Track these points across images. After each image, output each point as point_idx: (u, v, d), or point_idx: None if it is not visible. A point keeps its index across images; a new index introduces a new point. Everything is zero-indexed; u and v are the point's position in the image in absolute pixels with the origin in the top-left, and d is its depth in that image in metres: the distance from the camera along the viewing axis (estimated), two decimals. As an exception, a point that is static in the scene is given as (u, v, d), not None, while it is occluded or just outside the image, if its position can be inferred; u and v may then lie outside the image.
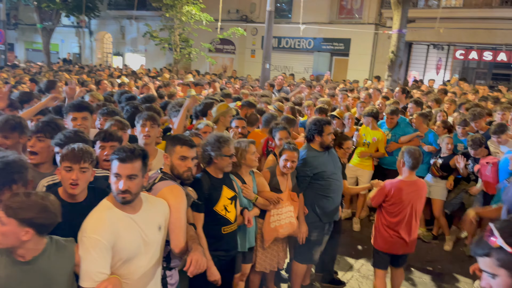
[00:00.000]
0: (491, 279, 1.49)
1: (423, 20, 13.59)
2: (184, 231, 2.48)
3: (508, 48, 13.51)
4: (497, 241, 1.45)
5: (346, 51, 16.61)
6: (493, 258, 1.47)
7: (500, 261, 1.45)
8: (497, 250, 1.46)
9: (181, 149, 2.62)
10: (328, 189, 3.93)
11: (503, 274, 1.45)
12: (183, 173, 2.61)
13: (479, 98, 9.14)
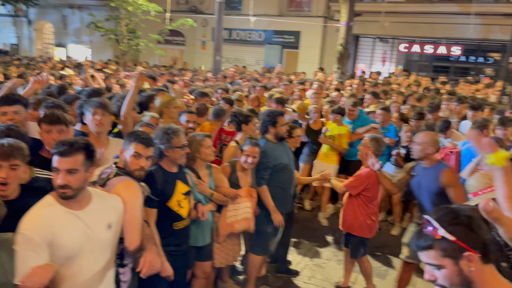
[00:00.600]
0: (435, 271, 1.50)
1: (369, 14, 14.02)
2: (140, 230, 2.39)
3: (448, 41, 14.26)
4: (439, 232, 1.45)
5: (296, 44, 16.80)
6: (436, 249, 1.47)
7: (444, 251, 1.46)
8: (439, 241, 1.46)
9: (136, 146, 2.52)
10: (284, 180, 3.96)
11: (448, 263, 1.46)
12: (135, 171, 2.52)
13: (422, 89, 9.63)
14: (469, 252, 1.44)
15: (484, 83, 11.26)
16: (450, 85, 11.54)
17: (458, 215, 1.49)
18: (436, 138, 3.75)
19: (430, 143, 3.63)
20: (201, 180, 3.39)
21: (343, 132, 5.91)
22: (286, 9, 17.04)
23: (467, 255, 1.44)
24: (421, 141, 3.65)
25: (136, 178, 2.52)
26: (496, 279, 1.51)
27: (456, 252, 1.45)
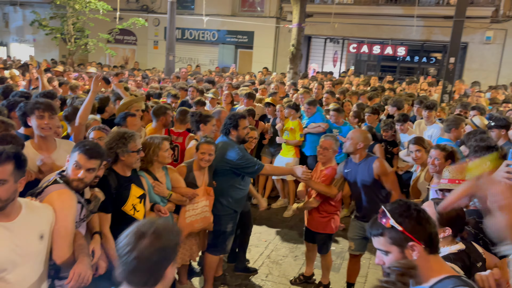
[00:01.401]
0: (384, 256, 1.65)
1: (320, 15, 14.38)
2: (70, 241, 2.29)
3: (393, 42, 14.92)
4: (389, 222, 1.61)
5: (250, 44, 16.92)
6: (386, 237, 1.63)
7: (392, 239, 1.61)
8: (389, 229, 1.62)
9: (79, 156, 2.43)
10: (241, 180, 4.00)
11: (394, 250, 1.62)
12: (73, 181, 2.42)
13: (371, 89, 10.04)
14: (413, 242, 1.59)
15: (427, 82, 11.90)
16: (397, 83, 12.14)
17: (409, 209, 1.64)
18: (366, 135, 3.94)
19: (361, 138, 3.82)
20: (158, 182, 3.38)
21: (295, 126, 6.22)
22: (239, 9, 17.10)
23: (411, 244, 1.59)
24: (352, 137, 3.85)
25: (74, 189, 2.43)
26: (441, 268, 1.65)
27: (402, 241, 1.60)
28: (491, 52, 13.44)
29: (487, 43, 13.42)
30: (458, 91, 10.88)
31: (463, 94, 10.32)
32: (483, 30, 13.30)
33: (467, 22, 12.74)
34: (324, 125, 6.29)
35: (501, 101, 7.99)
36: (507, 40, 13.09)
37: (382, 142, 5.85)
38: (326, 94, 7.60)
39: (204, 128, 4.38)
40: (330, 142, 4.09)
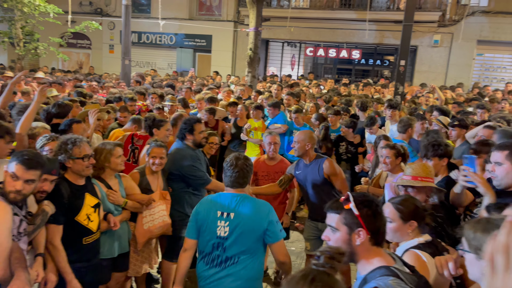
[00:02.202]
0: (331, 233, 1.80)
1: (276, 19, 14.56)
2: (4, 256, 2.17)
3: (348, 46, 15.36)
4: (350, 205, 1.76)
5: (209, 48, 16.87)
6: (341, 216, 1.77)
7: (345, 219, 1.76)
8: (346, 211, 1.76)
9: (16, 167, 2.33)
10: (198, 185, 3.98)
11: (343, 230, 1.76)
12: (9, 193, 2.33)
13: (328, 90, 10.32)
14: (362, 229, 1.74)
15: (380, 84, 12.34)
16: (354, 86, 12.53)
17: (371, 202, 1.80)
18: (312, 135, 4.04)
19: (307, 139, 3.91)
20: (112, 190, 3.31)
21: (258, 126, 6.48)
22: (196, 13, 17.02)
23: (359, 230, 1.74)
24: (299, 139, 3.92)
25: (10, 202, 2.32)
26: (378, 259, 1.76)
27: (353, 225, 1.75)
28: (439, 55, 14.14)
29: (435, 46, 14.10)
30: (410, 92, 11.38)
31: (414, 95, 10.81)
32: (431, 34, 13.97)
33: (416, 26, 13.37)
34: (284, 127, 6.49)
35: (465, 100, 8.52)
36: (453, 43, 13.81)
37: (343, 141, 6.07)
38: (287, 96, 7.85)
39: (157, 132, 4.36)
40: (276, 136, 4.37)
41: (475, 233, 1.58)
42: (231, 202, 2.68)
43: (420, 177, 2.94)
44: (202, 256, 2.73)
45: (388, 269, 1.71)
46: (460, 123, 4.73)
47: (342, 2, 14.46)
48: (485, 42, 13.79)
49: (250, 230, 2.63)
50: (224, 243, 2.64)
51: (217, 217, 2.66)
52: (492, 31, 13.45)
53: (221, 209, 2.67)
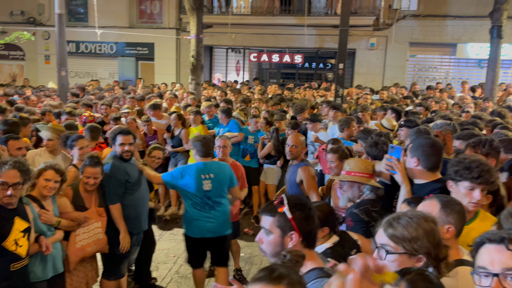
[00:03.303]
0: (265, 236, 1.82)
1: (219, 26, 14.58)
2: None
3: (291, 50, 15.69)
4: (284, 208, 1.78)
5: (151, 56, 16.55)
6: (275, 219, 1.79)
7: (279, 222, 1.79)
8: (280, 214, 1.79)
9: None
10: (136, 197, 3.89)
11: (276, 233, 1.79)
12: None
13: (273, 96, 10.48)
14: (294, 233, 1.77)
15: (323, 87, 12.72)
16: (297, 90, 12.82)
17: (304, 205, 1.83)
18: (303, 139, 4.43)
19: (304, 143, 4.35)
20: (45, 210, 3.15)
21: (199, 131, 6.52)
22: (137, 20, 16.65)
23: (292, 234, 1.77)
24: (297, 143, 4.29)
25: None
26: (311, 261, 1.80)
27: (286, 228, 1.78)
28: (376, 57, 14.81)
29: (371, 49, 14.76)
30: (350, 94, 11.81)
31: (355, 97, 11.25)
32: (367, 37, 14.60)
33: (354, 30, 13.94)
34: (240, 135, 6.69)
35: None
36: (388, 46, 14.52)
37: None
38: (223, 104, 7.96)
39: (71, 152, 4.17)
40: (227, 140, 4.55)
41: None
42: (208, 167, 4.04)
43: (354, 172, 3.05)
44: (195, 207, 4.01)
45: (322, 270, 1.76)
46: (407, 123, 4.86)
47: (282, 8, 14.76)
48: (417, 44, 14.64)
49: (223, 181, 4.09)
50: (209, 194, 4.01)
51: (202, 179, 3.97)
52: (422, 34, 14.31)
53: (203, 173, 3.99)
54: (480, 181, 2.39)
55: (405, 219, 1.77)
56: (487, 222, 2.48)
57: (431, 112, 7.32)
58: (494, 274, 1.47)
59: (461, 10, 13.71)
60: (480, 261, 1.55)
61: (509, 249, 1.48)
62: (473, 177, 2.40)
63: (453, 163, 2.54)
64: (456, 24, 13.76)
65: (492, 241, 1.53)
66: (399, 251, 1.72)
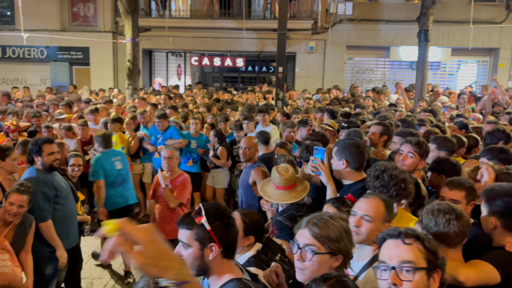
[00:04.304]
0: (183, 249, 1.71)
1: (158, 29, 14.24)
2: None
3: (232, 54, 15.65)
4: (202, 220, 1.68)
5: (86, 60, 15.79)
6: (193, 231, 1.69)
7: (197, 235, 1.68)
8: (198, 226, 1.68)
9: None
10: (65, 211, 3.64)
11: (195, 246, 1.69)
12: None
13: (213, 100, 10.37)
14: (214, 244, 1.68)
15: (265, 90, 12.79)
16: (240, 93, 12.83)
17: (224, 214, 1.74)
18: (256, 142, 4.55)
19: (256, 145, 4.42)
20: None
21: (116, 140, 6.33)
22: (69, 24, 15.83)
23: (212, 245, 1.68)
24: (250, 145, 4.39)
25: None
26: (229, 272, 1.75)
27: (205, 240, 1.68)
28: (315, 60, 15.15)
29: (311, 53, 15.08)
30: (291, 97, 11.98)
31: (295, 99, 11.43)
32: (306, 41, 14.90)
33: (293, 34, 14.18)
34: (184, 141, 6.59)
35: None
36: (326, 49, 14.91)
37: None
38: (168, 110, 7.71)
39: (3, 164, 3.81)
40: (174, 151, 4.42)
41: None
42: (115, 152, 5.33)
43: (277, 186, 3.04)
44: (112, 185, 5.10)
45: (240, 281, 1.70)
46: (349, 125, 5.00)
47: (222, 12, 14.68)
48: (353, 47, 15.15)
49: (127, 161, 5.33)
50: (122, 172, 5.23)
51: (114, 161, 5.16)
52: (358, 37, 14.84)
53: (113, 156, 5.23)
54: (397, 199, 2.50)
55: (327, 220, 1.79)
56: (406, 221, 2.54)
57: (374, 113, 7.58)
58: (391, 267, 1.56)
59: (393, 15, 14.39)
60: (381, 256, 1.64)
61: (405, 243, 1.58)
62: (391, 196, 2.47)
63: (372, 176, 2.57)
64: (389, 28, 14.42)
65: (391, 236, 1.63)
66: (323, 251, 1.74)
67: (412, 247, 1.56)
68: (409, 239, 1.58)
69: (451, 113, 7.23)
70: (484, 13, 13.85)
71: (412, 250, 1.56)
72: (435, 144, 3.78)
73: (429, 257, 1.56)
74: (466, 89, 12.03)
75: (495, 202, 2.18)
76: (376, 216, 2.09)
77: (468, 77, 15.17)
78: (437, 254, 1.59)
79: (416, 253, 1.55)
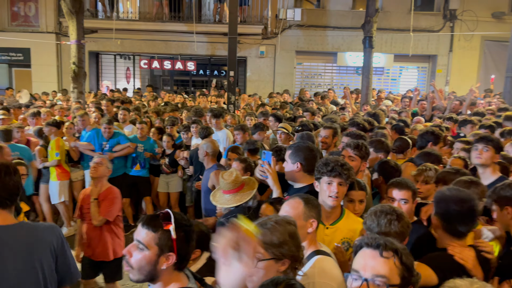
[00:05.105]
0: (137, 250, 1.67)
1: (105, 31, 13.81)
2: None
3: (183, 57, 15.50)
4: (170, 226, 1.65)
5: (27, 62, 14.97)
6: (156, 235, 1.65)
7: (160, 240, 1.65)
8: (164, 231, 1.65)
9: None
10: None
11: (153, 251, 1.65)
12: None
13: (164, 103, 10.21)
14: (173, 254, 1.65)
15: (215, 94, 12.77)
16: (191, 96, 12.72)
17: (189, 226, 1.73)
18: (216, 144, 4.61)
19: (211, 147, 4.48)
20: None
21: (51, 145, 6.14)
22: (8, 23, 14.94)
23: (170, 255, 1.65)
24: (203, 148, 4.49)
25: None
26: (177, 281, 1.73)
27: (166, 247, 1.65)
28: (266, 65, 15.36)
29: (262, 57, 15.26)
30: (243, 101, 12.04)
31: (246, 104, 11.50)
32: (257, 46, 15.07)
33: (244, 38, 14.30)
34: (132, 145, 6.45)
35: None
36: (277, 54, 15.15)
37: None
38: (122, 111, 7.59)
39: None
40: (106, 159, 4.11)
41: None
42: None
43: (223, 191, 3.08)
44: None
45: None
46: (303, 128, 5.10)
47: (171, 15, 14.51)
48: (302, 52, 15.53)
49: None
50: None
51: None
52: (307, 43, 15.22)
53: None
54: (335, 174, 2.55)
55: (271, 224, 1.81)
56: (353, 222, 2.65)
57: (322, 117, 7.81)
58: (364, 278, 1.52)
59: (339, 22, 14.92)
60: (355, 264, 1.60)
61: (383, 256, 1.54)
62: (328, 170, 2.56)
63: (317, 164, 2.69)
64: (335, 34, 14.93)
65: (369, 246, 1.58)
66: (267, 257, 1.75)
67: (389, 261, 1.53)
68: (387, 252, 1.54)
69: (391, 116, 7.62)
70: (423, 22, 14.72)
71: (388, 265, 1.52)
72: (372, 147, 3.96)
73: (403, 273, 1.53)
74: (408, 93, 12.71)
75: (440, 204, 2.29)
76: (295, 215, 2.15)
77: (409, 82, 16.01)
78: (412, 271, 1.56)
79: (391, 268, 1.52)
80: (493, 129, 5.42)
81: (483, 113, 7.24)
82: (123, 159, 6.54)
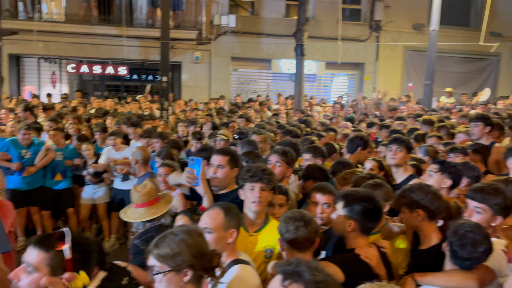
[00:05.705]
0: (25, 273, 1.54)
1: (27, 33, 12.92)
2: None
3: (114, 62, 14.92)
4: (64, 246, 1.52)
5: None
6: (48, 255, 1.53)
7: (52, 261, 1.52)
8: (57, 252, 1.53)
9: None
10: None
11: (44, 273, 1.52)
12: None
13: (96, 109, 9.74)
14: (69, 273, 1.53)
15: (149, 100, 12.42)
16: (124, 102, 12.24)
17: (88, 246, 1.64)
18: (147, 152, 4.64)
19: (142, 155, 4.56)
20: None
21: None
22: None
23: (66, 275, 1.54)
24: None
25: None
26: None
27: (58, 268, 1.53)
28: (201, 70, 15.24)
29: (197, 63, 15.13)
30: (178, 107, 11.81)
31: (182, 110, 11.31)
32: (192, 51, 14.92)
33: (178, 43, 14.09)
34: (51, 151, 6.04)
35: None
36: (212, 60, 15.10)
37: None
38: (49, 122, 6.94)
39: None
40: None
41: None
42: None
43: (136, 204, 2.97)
44: None
45: None
46: (240, 136, 5.23)
47: (101, 17, 13.92)
48: (238, 58, 15.62)
49: None
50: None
51: None
52: (242, 49, 15.34)
53: None
54: (256, 179, 2.57)
55: (170, 237, 1.77)
56: (277, 230, 2.66)
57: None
58: None
59: (273, 29, 15.21)
60: None
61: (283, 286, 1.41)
62: (250, 176, 2.57)
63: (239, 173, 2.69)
64: (270, 41, 15.20)
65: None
66: (164, 269, 1.71)
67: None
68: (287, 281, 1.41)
69: (321, 122, 7.89)
70: (351, 31, 15.45)
71: None
72: (310, 153, 4.06)
73: None
74: (338, 100, 13.25)
75: (354, 206, 2.34)
76: (215, 227, 2.15)
77: (340, 89, 16.71)
78: None
79: None
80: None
81: (403, 117, 7.72)
82: (41, 169, 6.07)
